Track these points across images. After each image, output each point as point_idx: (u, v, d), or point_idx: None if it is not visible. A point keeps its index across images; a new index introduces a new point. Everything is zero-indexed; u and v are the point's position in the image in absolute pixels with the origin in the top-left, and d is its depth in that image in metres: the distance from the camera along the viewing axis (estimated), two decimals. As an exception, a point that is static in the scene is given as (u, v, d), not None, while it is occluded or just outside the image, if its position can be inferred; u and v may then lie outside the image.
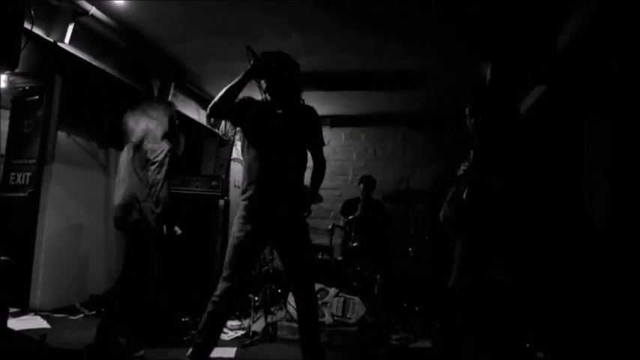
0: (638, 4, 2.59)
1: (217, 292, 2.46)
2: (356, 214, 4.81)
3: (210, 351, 2.48)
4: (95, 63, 4.00)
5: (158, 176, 3.09)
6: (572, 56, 3.44)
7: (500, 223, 2.37)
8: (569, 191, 3.45)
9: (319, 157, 2.73)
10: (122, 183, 3.18)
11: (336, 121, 6.56)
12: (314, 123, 2.69)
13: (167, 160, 3.15)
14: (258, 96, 2.67)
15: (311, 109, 2.70)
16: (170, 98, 4.99)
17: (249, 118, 2.61)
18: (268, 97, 2.61)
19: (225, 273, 2.47)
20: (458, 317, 2.51)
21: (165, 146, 3.19)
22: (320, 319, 4.12)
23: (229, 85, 2.49)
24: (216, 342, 2.53)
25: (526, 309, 3.23)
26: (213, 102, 2.52)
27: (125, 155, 3.24)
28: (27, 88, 4.33)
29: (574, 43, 3.33)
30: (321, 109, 6.04)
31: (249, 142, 2.60)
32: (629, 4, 2.66)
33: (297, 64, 2.64)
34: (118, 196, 3.16)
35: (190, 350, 2.42)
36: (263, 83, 2.58)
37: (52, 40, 3.45)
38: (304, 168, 2.67)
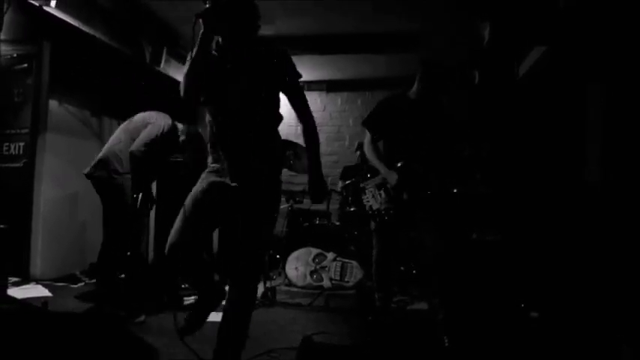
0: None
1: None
2: (353, 180, 4.80)
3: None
4: (84, 28, 3.88)
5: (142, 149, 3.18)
6: (574, 15, 3.36)
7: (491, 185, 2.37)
8: (567, 154, 3.43)
9: (301, 107, 2.06)
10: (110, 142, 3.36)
11: (332, 85, 6.46)
12: (279, 63, 2.02)
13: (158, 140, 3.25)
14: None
15: (273, 48, 2.04)
16: (162, 64, 4.89)
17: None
18: (215, 51, 2.02)
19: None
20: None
21: (161, 122, 3.28)
22: (318, 284, 4.21)
23: (190, 62, 1.88)
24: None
25: (520, 269, 3.27)
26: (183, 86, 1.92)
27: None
28: (15, 55, 4.22)
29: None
30: (317, 74, 6.03)
31: (205, 104, 2.06)
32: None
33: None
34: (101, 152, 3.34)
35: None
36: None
37: (37, 4, 3.34)
38: (273, 119, 2.08)
